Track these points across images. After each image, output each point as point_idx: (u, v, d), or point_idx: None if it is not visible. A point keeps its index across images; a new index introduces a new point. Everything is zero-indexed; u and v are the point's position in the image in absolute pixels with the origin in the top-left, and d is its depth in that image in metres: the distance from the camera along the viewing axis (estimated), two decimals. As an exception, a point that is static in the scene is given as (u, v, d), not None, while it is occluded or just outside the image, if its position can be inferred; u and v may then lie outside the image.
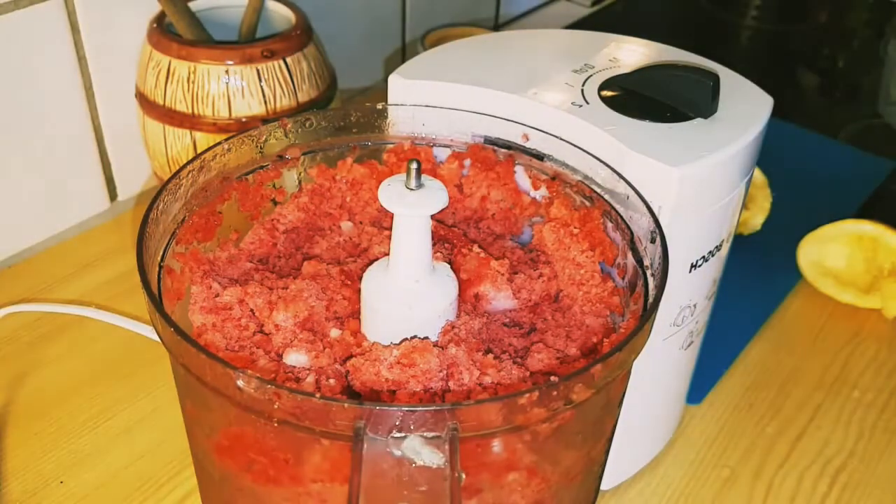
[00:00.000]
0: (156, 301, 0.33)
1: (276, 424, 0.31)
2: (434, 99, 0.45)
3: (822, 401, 0.59)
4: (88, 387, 0.57)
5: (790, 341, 0.64)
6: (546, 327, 0.39)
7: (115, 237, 0.70)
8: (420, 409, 0.29)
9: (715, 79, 0.43)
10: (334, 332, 0.38)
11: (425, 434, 0.29)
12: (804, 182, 0.78)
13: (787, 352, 0.63)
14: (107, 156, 0.71)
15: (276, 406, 0.30)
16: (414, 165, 0.35)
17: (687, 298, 0.45)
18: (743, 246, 0.69)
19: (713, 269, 0.46)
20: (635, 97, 0.44)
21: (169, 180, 0.38)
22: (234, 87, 0.62)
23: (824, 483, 0.54)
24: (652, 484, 0.53)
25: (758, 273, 0.69)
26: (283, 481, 0.33)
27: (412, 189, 0.35)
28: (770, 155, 0.55)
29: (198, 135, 0.63)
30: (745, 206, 0.56)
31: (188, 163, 0.39)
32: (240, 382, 0.30)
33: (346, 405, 0.29)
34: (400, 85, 0.46)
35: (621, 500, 0.52)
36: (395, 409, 0.29)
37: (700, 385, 0.58)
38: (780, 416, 0.58)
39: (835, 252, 0.68)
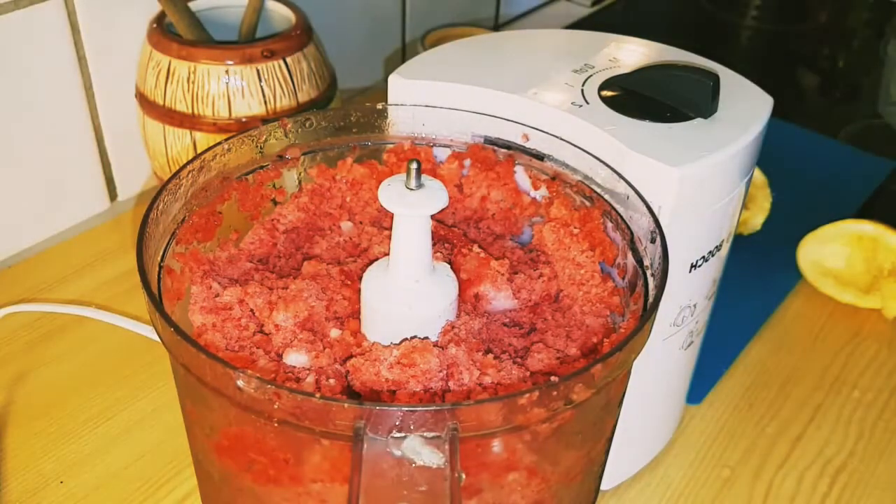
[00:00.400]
0: (156, 301, 0.33)
1: (276, 424, 0.31)
2: (434, 99, 0.45)
3: (822, 401, 0.59)
4: (88, 387, 0.57)
5: (790, 341, 0.64)
6: (546, 327, 0.39)
7: (115, 237, 0.70)
8: (420, 409, 0.29)
9: (715, 79, 0.43)
10: (334, 332, 0.38)
11: (425, 434, 0.29)
12: (804, 182, 0.78)
13: (787, 352, 0.63)
14: (107, 156, 0.71)
15: (276, 406, 0.30)
16: (414, 165, 0.35)
17: (687, 298, 0.45)
18: (743, 246, 0.69)
19: (713, 269, 0.46)
20: (635, 97, 0.44)
21: (169, 180, 0.38)
22: (234, 87, 0.62)
23: (824, 483, 0.54)
24: (652, 484, 0.53)
25: (758, 273, 0.69)
26: (283, 481, 0.33)
27: (412, 189, 0.35)
28: (770, 155, 0.55)
29: (198, 135, 0.63)
30: (745, 206, 0.56)
31: (188, 163, 0.39)
32: (240, 382, 0.30)
33: (346, 405, 0.29)
34: (400, 85, 0.46)
35: (621, 500, 0.52)
36: (395, 409, 0.29)
37: (700, 385, 0.58)
38: (780, 416, 0.58)
39: (835, 252, 0.68)
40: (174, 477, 0.52)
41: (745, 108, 0.45)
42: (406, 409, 0.29)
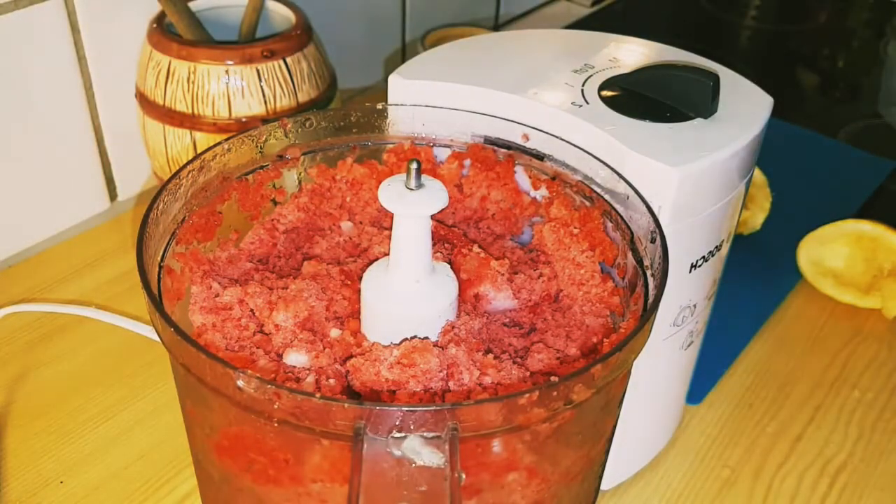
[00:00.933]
0: (156, 301, 0.33)
1: (276, 424, 0.31)
2: (434, 99, 0.45)
3: (822, 401, 0.59)
4: (88, 387, 0.57)
5: (790, 341, 0.64)
6: (546, 327, 0.39)
7: (115, 237, 0.70)
8: (420, 409, 0.29)
9: (715, 79, 0.43)
10: (334, 332, 0.38)
11: (425, 434, 0.29)
12: (804, 182, 0.78)
13: (787, 352, 0.63)
14: (107, 156, 0.71)
15: (276, 406, 0.30)
16: (414, 165, 0.35)
17: (687, 298, 0.45)
18: (743, 246, 0.69)
19: (713, 269, 0.46)
20: (635, 97, 0.44)
21: (169, 180, 0.38)
22: (234, 87, 0.62)
23: (824, 483, 0.54)
24: (652, 484, 0.53)
25: (758, 273, 0.68)
26: (283, 481, 0.33)
27: (412, 189, 0.35)
28: (770, 155, 0.55)
29: (198, 135, 0.63)
30: (745, 206, 0.56)
31: (188, 163, 0.39)
32: (240, 382, 0.30)
33: (346, 405, 0.29)
34: (400, 85, 0.46)
35: (621, 500, 0.52)
36: (395, 409, 0.29)
37: (700, 385, 0.58)
38: (780, 416, 0.58)
39: (834, 252, 0.68)
40: (174, 477, 0.52)
41: (745, 108, 0.45)
42: (406, 409, 0.29)
